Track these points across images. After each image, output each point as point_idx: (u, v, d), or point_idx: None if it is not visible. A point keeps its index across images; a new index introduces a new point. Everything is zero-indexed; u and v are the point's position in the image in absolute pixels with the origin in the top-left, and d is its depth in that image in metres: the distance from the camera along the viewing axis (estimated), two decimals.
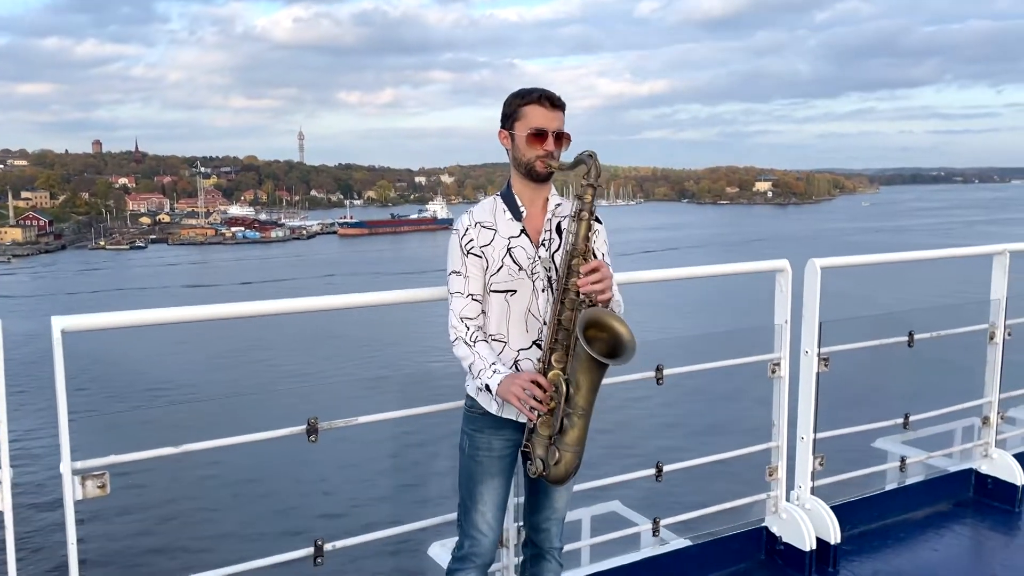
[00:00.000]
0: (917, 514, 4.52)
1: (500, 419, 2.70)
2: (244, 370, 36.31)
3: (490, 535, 2.77)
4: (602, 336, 2.50)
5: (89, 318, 2.56)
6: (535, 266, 2.67)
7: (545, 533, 2.87)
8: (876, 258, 4.37)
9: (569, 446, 2.54)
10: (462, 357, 2.67)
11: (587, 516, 5.08)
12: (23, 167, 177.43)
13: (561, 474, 2.57)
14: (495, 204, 2.75)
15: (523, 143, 2.67)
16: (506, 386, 2.55)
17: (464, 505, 2.79)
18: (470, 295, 2.69)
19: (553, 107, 2.67)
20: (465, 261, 2.68)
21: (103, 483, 2.53)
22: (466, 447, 2.78)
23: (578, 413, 2.53)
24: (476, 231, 2.69)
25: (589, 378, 2.51)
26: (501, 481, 2.76)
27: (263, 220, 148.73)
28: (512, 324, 2.68)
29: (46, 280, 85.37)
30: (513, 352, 2.68)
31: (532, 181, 2.71)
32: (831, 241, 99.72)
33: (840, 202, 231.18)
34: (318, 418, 2.86)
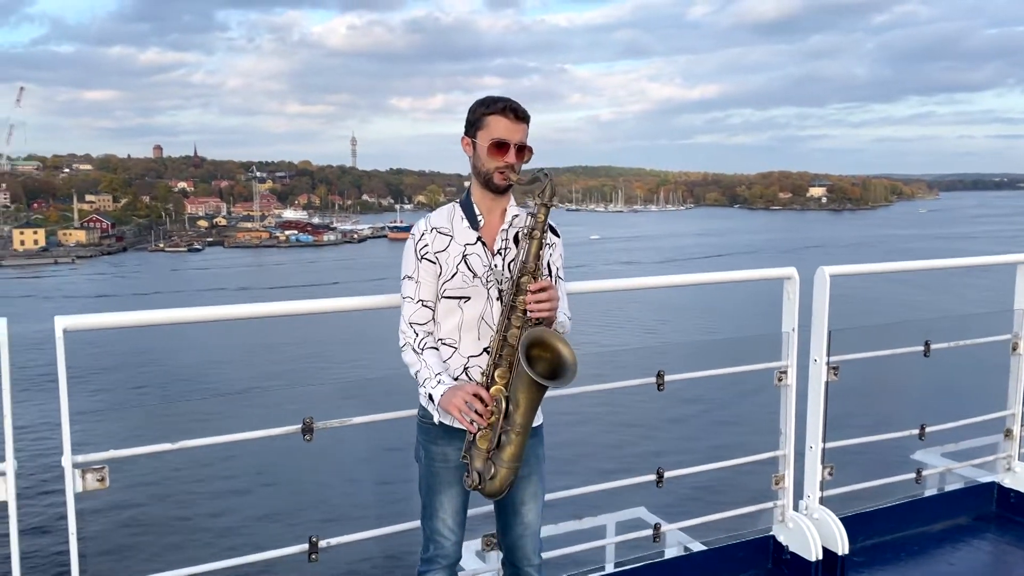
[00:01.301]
0: (934, 527, 4.43)
1: (453, 429, 2.70)
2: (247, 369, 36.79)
3: (452, 537, 2.79)
4: (545, 355, 2.52)
5: (91, 318, 2.68)
6: (490, 275, 2.67)
7: (521, 551, 2.85)
8: (888, 266, 4.30)
9: (505, 462, 2.57)
10: (409, 363, 2.69)
11: (612, 522, 5.09)
12: (88, 171, 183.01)
13: (496, 489, 2.59)
14: (453, 211, 2.76)
15: (484, 153, 2.68)
16: (448, 397, 2.57)
17: (426, 511, 2.82)
18: (420, 300, 2.70)
19: (517, 119, 2.67)
20: (418, 266, 2.70)
21: (103, 476, 2.64)
22: (422, 457, 2.80)
23: (516, 430, 2.55)
24: (432, 236, 2.71)
25: (528, 397, 2.53)
26: (460, 489, 2.76)
27: (316, 224, 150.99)
28: (464, 330, 2.68)
29: (109, 281, 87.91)
30: (463, 359, 2.69)
31: (491, 191, 2.72)
32: (886, 248, 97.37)
33: (898, 208, 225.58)
34: (313, 417, 2.94)
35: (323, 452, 18.60)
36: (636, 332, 44.18)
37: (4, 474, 2.52)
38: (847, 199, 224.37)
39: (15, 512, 2.54)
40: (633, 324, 45.55)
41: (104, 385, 31.63)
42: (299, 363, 37.85)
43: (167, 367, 36.90)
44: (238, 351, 40.01)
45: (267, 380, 33.67)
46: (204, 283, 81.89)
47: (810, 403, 3.95)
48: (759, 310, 38.51)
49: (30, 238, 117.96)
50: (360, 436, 17.19)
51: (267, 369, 36.57)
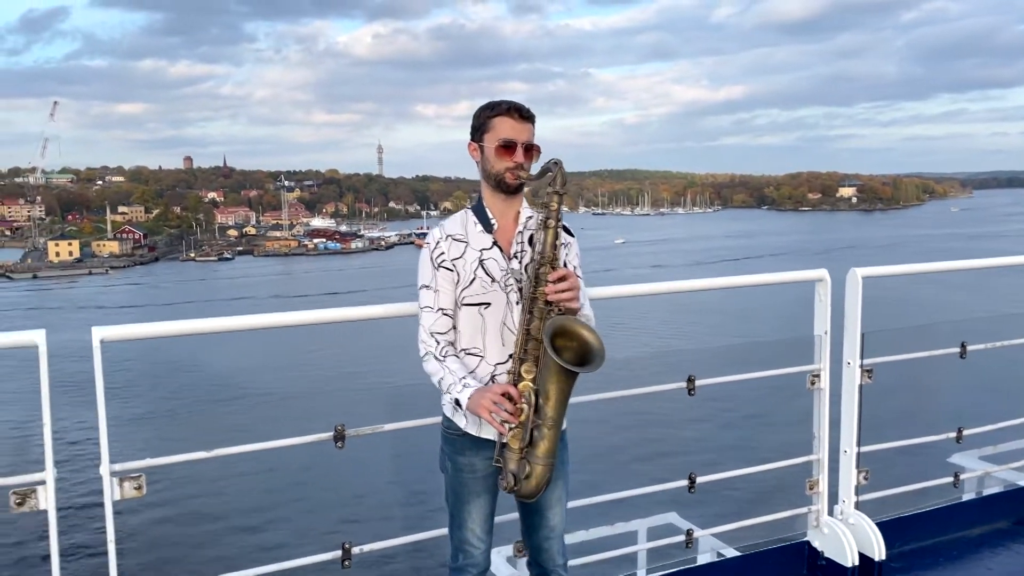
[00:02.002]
0: (972, 532, 4.35)
1: (479, 439, 2.67)
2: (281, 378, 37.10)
3: (481, 546, 2.78)
4: (571, 344, 2.47)
5: (128, 328, 2.71)
6: (508, 278, 2.65)
7: (546, 553, 2.83)
8: (921, 267, 4.23)
9: (540, 458, 2.51)
10: (432, 373, 2.65)
11: (643, 527, 5.07)
12: (120, 183, 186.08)
13: (532, 488, 2.54)
14: (466, 217, 2.74)
15: (492, 155, 2.66)
16: (476, 400, 2.52)
17: (453, 521, 2.80)
18: (440, 309, 2.67)
19: (522, 119, 2.66)
20: (436, 275, 2.67)
21: (140, 484, 2.68)
22: (448, 468, 2.76)
23: (548, 424, 2.49)
24: (447, 244, 2.68)
25: (558, 388, 2.47)
26: (487, 498, 2.75)
27: (344, 232, 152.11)
28: (488, 338, 2.65)
29: (142, 291, 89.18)
30: (490, 367, 2.65)
31: (502, 193, 2.70)
32: (918, 248, 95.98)
33: (930, 207, 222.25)
34: (345, 425, 2.96)
35: (356, 459, 18.72)
36: (666, 336, 43.92)
37: (44, 483, 2.56)
38: (878, 199, 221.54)
39: (55, 521, 2.58)
40: (662, 328, 45.29)
41: (136, 394, 32.09)
42: (329, 371, 38.10)
43: (197, 376, 37.35)
44: (269, 359, 40.39)
45: (296, 388, 33.96)
46: (235, 292, 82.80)
47: (844, 406, 3.90)
48: (789, 313, 38.13)
49: (65, 250, 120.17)
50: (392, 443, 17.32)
51: (296, 377, 36.88)
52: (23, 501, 2.55)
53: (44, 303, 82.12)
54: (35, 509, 2.56)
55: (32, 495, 2.55)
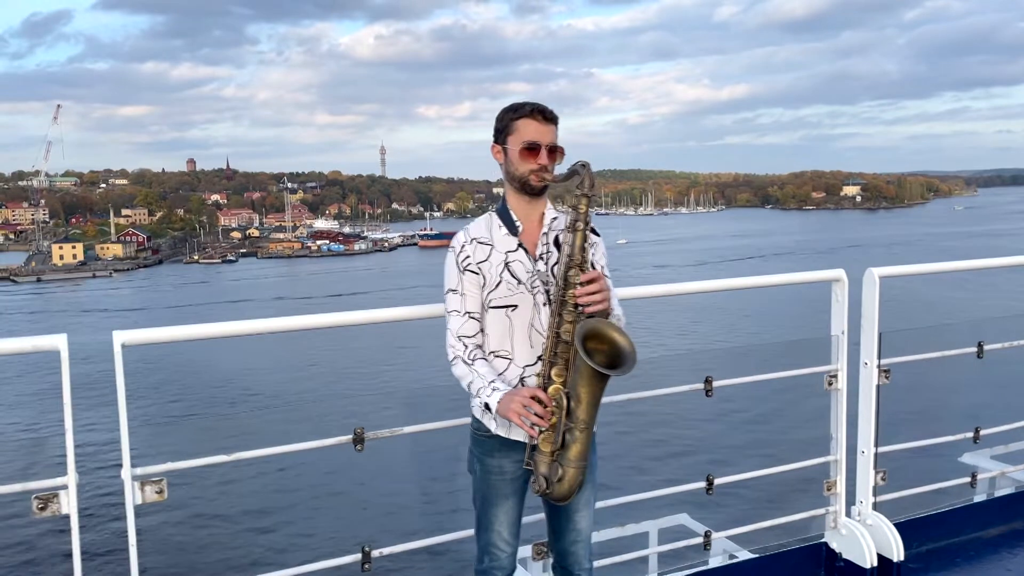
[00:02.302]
0: (991, 532, 4.33)
1: (509, 441, 2.65)
2: (298, 381, 37.16)
3: (508, 550, 2.76)
4: (602, 347, 2.46)
5: (148, 332, 2.71)
6: (534, 280, 2.64)
7: (573, 557, 2.81)
8: (938, 267, 4.21)
9: (572, 461, 2.50)
10: (461, 376, 2.64)
11: (654, 529, 5.05)
12: (123, 186, 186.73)
13: (565, 491, 2.53)
14: (491, 220, 2.72)
15: (516, 157, 2.65)
16: (505, 403, 2.51)
17: (480, 524, 2.78)
18: (467, 313, 2.65)
19: (546, 120, 2.65)
20: (462, 279, 2.66)
21: (161, 488, 2.67)
22: (477, 470, 2.75)
23: (580, 427, 2.48)
24: (472, 247, 2.67)
25: (590, 391, 2.46)
26: (515, 501, 2.73)
27: (347, 233, 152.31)
28: (516, 340, 2.64)
29: (145, 294, 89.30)
30: (519, 369, 2.64)
31: (526, 195, 2.69)
32: (924, 247, 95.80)
33: (934, 206, 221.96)
34: (364, 428, 2.95)
35: (375, 461, 18.72)
36: (679, 337, 43.84)
37: (66, 487, 2.56)
38: (882, 197, 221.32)
39: (77, 525, 2.58)
40: (675, 329, 45.19)
41: (151, 399, 32.11)
42: (346, 373, 38.09)
43: (207, 378, 37.39)
44: (282, 362, 40.45)
45: (312, 391, 33.99)
46: (240, 294, 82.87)
47: (861, 407, 3.88)
48: (796, 313, 37.98)
49: (69, 253, 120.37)
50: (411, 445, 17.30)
51: (311, 380, 36.92)
52: (45, 506, 2.54)
53: (48, 307, 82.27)
54: (57, 514, 2.55)
55: (54, 500, 2.54)
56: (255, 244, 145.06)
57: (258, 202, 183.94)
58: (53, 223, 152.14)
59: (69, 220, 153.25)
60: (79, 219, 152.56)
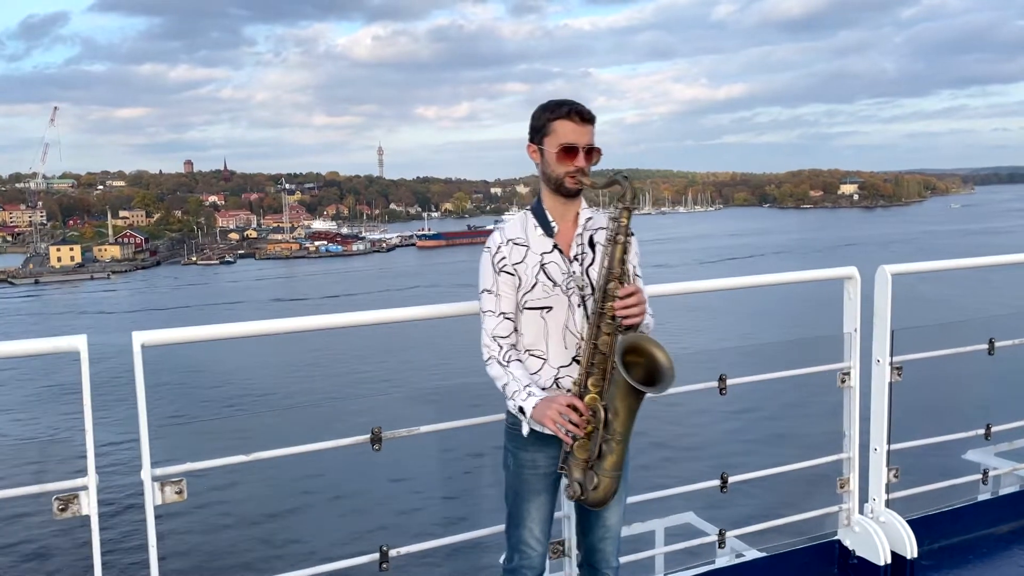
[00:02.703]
0: (1003, 528, 4.34)
1: (544, 436, 2.65)
2: (313, 381, 37.16)
3: (539, 548, 2.76)
4: (639, 361, 2.47)
5: (167, 333, 2.71)
6: (569, 281, 2.63)
7: (600, 553, 2.82)
8: (950, 264, 4.22)
9: (607, 471, 2.53)
10: (496, 377, 2.65)
11: (660, 527, 5.04)
12: (121, 187, 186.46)
13: (599, 499, 2.55)
14: (526, 220, 2.71)
15: (553, 158, 2.63)
16: (541, 410, 2.52)
17: (511, 520, 2.78)
18: (502, 313, 2.66)
19: (584, 121, 2.62)
20: (497, 279, 2.65)
21: (180, 489, 2.67)
22: (510, 464, 2.76)
23: (616, 439, 2.51)
24: (508, 248, 2.66)
25: (627, 405, 2.48)
26: (547, 497, 2.74)
27: (345, 234, 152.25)
28: (551, 341, 2.64)
29: (144, 295, 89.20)
30: (553, 370, 2.65)
31: (562, 196, 2.68)
32: (920, 245, 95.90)
33: (931, 204, 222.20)
34: (382, 427, 2.95)
35: (392, 461, 18.70)
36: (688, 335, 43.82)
37: (87, 488, 2.55)
38: (879, 196, 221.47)
39: (97, 526, 2.57)
40: (683, 328, 45.19)
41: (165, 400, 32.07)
42: (357, 373, 38.09)
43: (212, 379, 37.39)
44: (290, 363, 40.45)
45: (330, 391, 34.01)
46: (238, 295, 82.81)
47: (874, 404, 3.88)
48: (801, 311, 37.75)
49: (67, 254, 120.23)
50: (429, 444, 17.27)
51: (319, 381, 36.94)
52: (66, 507, 2.54)
53: (47, 308, 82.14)
54: (77, 515, 2.55)
55: (75, 501, 2.54)
56: (253, 245, 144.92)
57: (256, 203, 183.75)
58: (51, 225, 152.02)
59: (67, 222, 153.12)
60: (77, 221, 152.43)
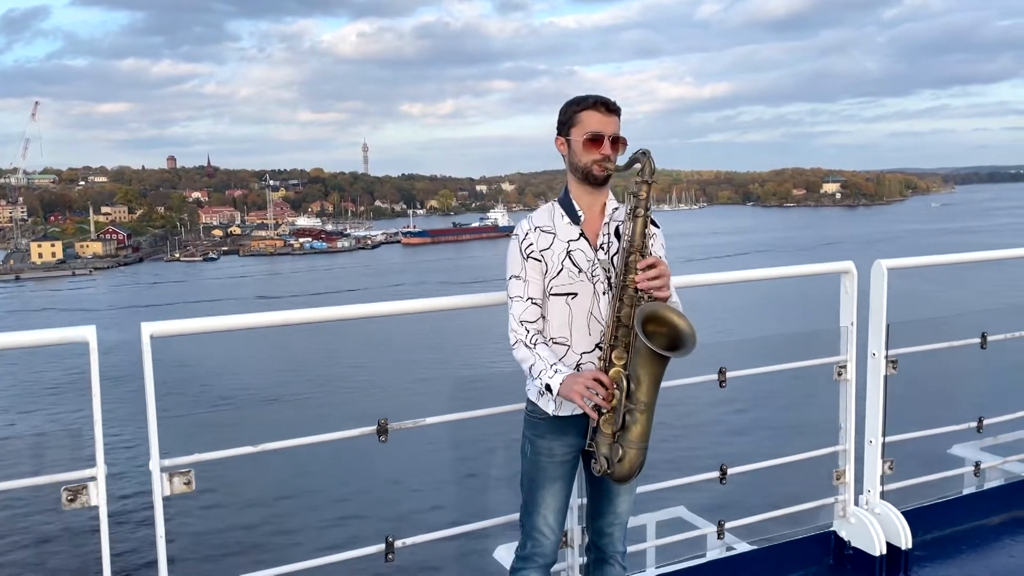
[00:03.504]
0: (994, 520, 4.41)
1: (562, 424, 2.71)
2: (318, 373, 37.14)
3: (552, 536, 2.81)
4: (661, 330, 2.50)
5: (176, 324, 2.71)
6: (595, 269, 2.69)
7: (608, 538, 2.88)
8: (944, 259, 4.29)
9: (633, 442, 2.55)
10: (522, 359, 2.70)
11: (652, 521, 5.08)
12: (103, 183, 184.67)
13: (626, 471, 2.57)
14: (553, 209, 2.79)
15: (580, 148, 2.71)
16: (568, 385, 2.57)
17: (526, 507, 2.83)
18: (530, 299, 2.72)
19: (609, 112, 2.71)
20: (525, 265, 2.72)
21: (189, 480, 2.68)
22: (528, 452, 2.81)
23: (640, 409, 2.53)
24: (536, 235, 2.74)
25: (650, 372, 2.51)
26: (562, 485, 2.79)
27: (329, 231, 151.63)
28: (575, 328, 2.70)
29: (126, 291, 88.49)
30: (576, 356, 2.70)
31: (589, 185, 2.74)
32: (903, 244, 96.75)
33: (913, 203, 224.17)
34: (388, 419, 2.97)
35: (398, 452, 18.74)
36: None
37: (95, 479, 2.55)
38: (861, 195, 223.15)
39: (106, 516, 2.58)
40: None
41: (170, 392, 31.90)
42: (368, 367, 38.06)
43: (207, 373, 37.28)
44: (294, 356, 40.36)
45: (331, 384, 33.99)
46: (222, 292, 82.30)
47: (869, 397, 3.94)
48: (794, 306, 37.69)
49: (48, 251, 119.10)
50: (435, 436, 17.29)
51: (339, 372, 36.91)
52: (75, 497, 2.54)
53: (27, 305, 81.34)
54: (86, 505, 2.55)
55: (83, 491, 2.54)
56: (237, 242, 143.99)
57: (240, 200, 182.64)
58: (31, 221, 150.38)
59: (48, 218, 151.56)
60: (58, 217, 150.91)
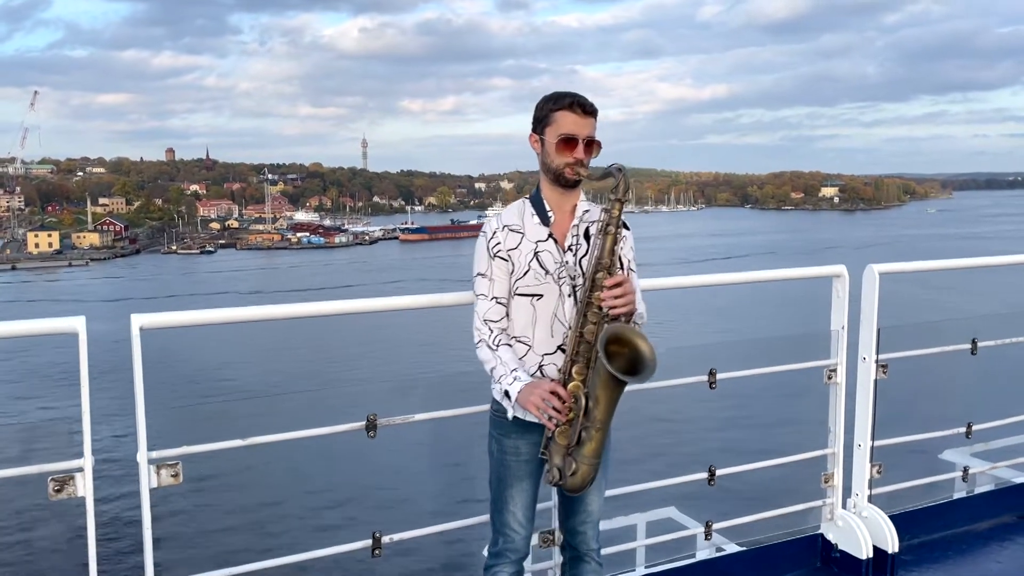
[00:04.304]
0: (981, 525, 4.43)
1: (527, 422, 2.71)
2: (307, 368, 37.13)
3: (522, 532, 2.82)
4: (623, 352, 2.51)
5: (165, 316, 2.72)
6: (561, 271, 2.67)
7: (582, 536, 2.89)
8: (936, 264, 4.30)
9: (586, 458, 2.57)
10: (484, 360, 2.70)
11: (642, 521, 5.09)
12: (101, 174, 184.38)
13: (577, 485, 2.60)
14: (523, 208, 2.76)
15: (553, 149, 2.67)
16: (526, 394, 2.58)
17: (496, 505, 2.83)
18: (495, 298, 2.71)
19: (585, 113, 2.66)
20: (491, 264, 2.71)
21: (176, 472, 2.68)
22: (494, 451, 2.81)
23: (596, 427, 2.56)
24: (504, 234, 2.71)
25: (608, 394, 2.53)
26: (530, 483, 2.79)
27: (327, 226, 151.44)
28: (538, 328, 2.68)
29: (123, 283, 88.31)
30: (537, 357, 2.69)
31: (560, 187, 2.72)
32: (900, 249, 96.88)
33: (911, 208, 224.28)
34: (377, 415, 2.97)
35: (386, 449, 18.74)
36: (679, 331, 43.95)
37: (82, 470, 2.55)
38: (860, 199, 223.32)
39: (92, 507, 2.57)
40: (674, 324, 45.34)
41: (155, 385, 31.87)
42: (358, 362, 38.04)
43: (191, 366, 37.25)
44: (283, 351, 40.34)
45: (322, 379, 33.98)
46: (218, 285, 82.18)
47: (859, 401, 3.95)
48: (785, 309, 37.75)
49: (44, 241, 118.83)
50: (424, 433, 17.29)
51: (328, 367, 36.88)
52: (61, 488, 2.54)
53: (23, 295, 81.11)
54: (73, 496, 2.55)
55: (70, 482, 2.54)
56: (234, 235, 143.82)
57: (238, 193, 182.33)
58: (29, 211, 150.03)
59: (45, 208, 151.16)
60: (55, 207, 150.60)
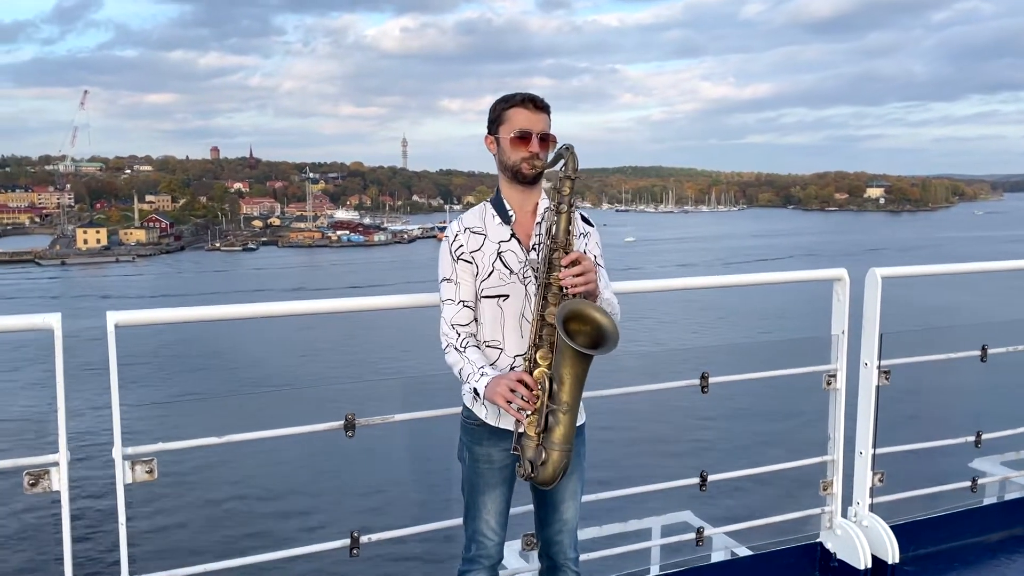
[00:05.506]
0: (990, 537, 4.29)
1: (498, 430, 2.67)
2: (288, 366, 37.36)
3: (495, 538, 2.78)
4: (584, 328, 2.44)
5: (141, 313, 2.74)
6: (526, 270, 2.64)
7: (558, 546, 2.84)
8: (941, 268, 4.17)
9: (556, 444, 2.49)
10: (452, 364, 2.67)
11: (657, 525, 5.04)
12: (148, 172, 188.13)
13: (549, 475, 2.53)
14: (485, 210, 2.74)
15: (508, 146, 2.67)
16: (492, 388, 2.53)
17: (468, 512, 2.80)
18: (461, 301, 2.68)
19: (537, 109, 2.67)
20: (455, 267, 2.68)
21: (151, 468, 2.71)
22: (466, 458, 2.77)
23: (563, 409, 2.48)
24: (466, 237, 2.69)
25: (573, 372, 2.45)
26: (503, 490, 2.75)
27: (367, 224, 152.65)
28: (507, 330, 2.65)
29: (167, 279, 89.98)
30: (509, 359, 2.65)
31: (519, 184, 2.70)
32: (943, 251, 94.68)
33: (959, 209, 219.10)
34: (355, 414, 2.97)
35: (365, 449, 18.85)
36: (680, 333, 43.67)
37: (57, 464, 2.59)
38: (906, 200, 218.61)
39: (67, 502, 2.61)
40: (676, 326, 45.04)
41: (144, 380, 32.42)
42: (338, 361, 38.33)
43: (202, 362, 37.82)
44: (278, 348, 40.77)
45: (303, 377, 34.28)
46: (260, 282, 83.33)
47: (860, 407, 3.86)
48: (804, 311, 37.29)
49: (93, 237, 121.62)
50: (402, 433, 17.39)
51: (306, 367, 37.18)
52: (36, 482, 2.58)
53: (69, 291, 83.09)
54: (48, 490, 2.59)
55: (45, 476, 2.58)
56: (276, 233, 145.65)
57: (280, 191, 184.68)
58: (78, 208, 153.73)
59: (94, 205, 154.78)
60: (103, 204, 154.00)
